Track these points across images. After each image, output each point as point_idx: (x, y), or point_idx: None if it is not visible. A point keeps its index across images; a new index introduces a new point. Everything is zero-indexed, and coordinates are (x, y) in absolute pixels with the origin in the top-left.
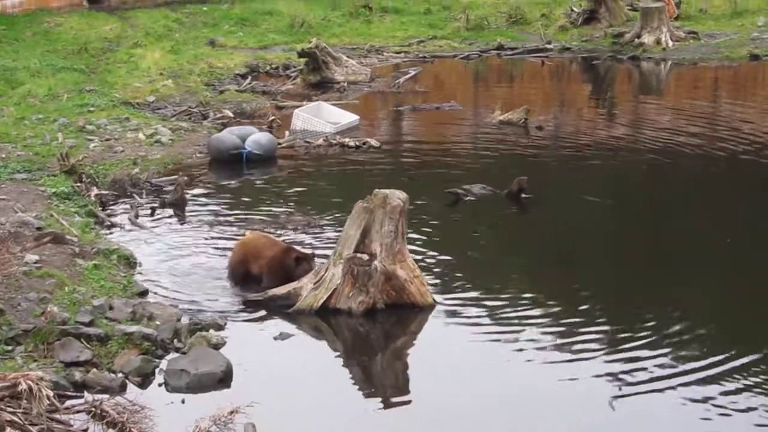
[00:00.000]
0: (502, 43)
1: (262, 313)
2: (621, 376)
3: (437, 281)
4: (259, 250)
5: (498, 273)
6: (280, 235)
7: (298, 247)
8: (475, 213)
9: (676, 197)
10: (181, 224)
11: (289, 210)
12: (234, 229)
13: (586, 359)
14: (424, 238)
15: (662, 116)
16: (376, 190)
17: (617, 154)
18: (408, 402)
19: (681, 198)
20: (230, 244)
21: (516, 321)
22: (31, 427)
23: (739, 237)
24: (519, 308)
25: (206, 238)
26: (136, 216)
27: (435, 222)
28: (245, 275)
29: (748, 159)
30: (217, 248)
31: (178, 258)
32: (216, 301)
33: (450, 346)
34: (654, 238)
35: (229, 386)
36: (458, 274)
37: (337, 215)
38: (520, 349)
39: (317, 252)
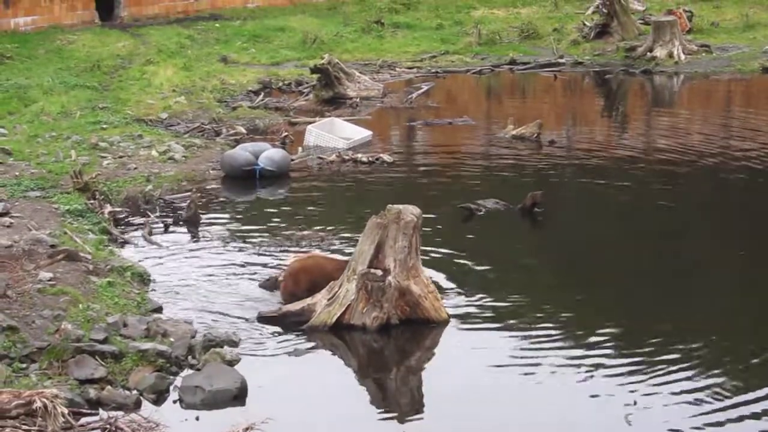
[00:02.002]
0: (515, 58)
1: (277, 329)
2: (640, 395)
3: (451, 297)
4: (328, 272)
5: (513, 289)
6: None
7: None
8: (489, 228)
9: (693, 211)
10: (195, 241)
11: (303, 226)
12: (248, 245)
13: (604, 377)
14: (438, 254)
15: (675, 129)
16: (390, 205)
17: (631, 168)
18: (423, 419)
19: (697, 212)
20: (243, 260)
21: (532, 338)
22: None
23: (755, 251)
24: (535, 325)
25: (220, 255)
26: (150, 233)
27: (448, 237)
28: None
29: (764, 171)
30: (231, 265)
31: (192, 275)
32: (230, 318)
33: (465, 363)
34: (671, 254)
35: (243, 403)
36: (473, 290)
37: (350, 231)
38: (536, 366)
39: None
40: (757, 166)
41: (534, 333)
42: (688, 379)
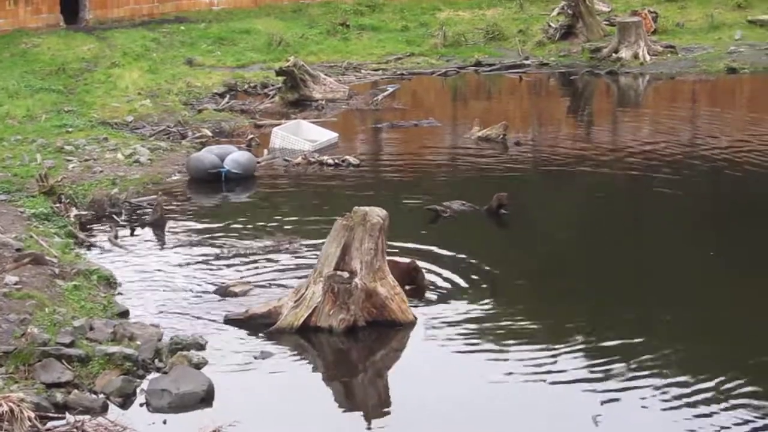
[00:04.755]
0: (480, 60)
1: (243, 332)
2: (606, 393)
3: (417, 298)
4: None
5: (479, 290)
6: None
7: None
8: (455, 230)
9: (657, 211)
10: (161, 244)
11: (269, 228)
12: (213, 249)
13: (571, 376)
14: (404, 256)
15: (641, 130)
16: (356, 207)
17: (596, 169)
18: (390, 421)
19: (661, 212)
20: (210, 263)
21: (497, 338)
22: None
23: (721, 249)
24: (500, 325)
25: (186, 258)
26: (116, 236)
27: (414, 239)
28: None
29: (727, 171)
30: (198, 268)
31: (158, 278)
32: (197, 321)
33: (432, 363)
34: (634, 253)
35: (211, 405)
36: (439, 291)
37: (316, 233)
38: (502, 364)
39: (298, 272)
40: (723, 166)
41: (500, 333)
42: (660, 387)
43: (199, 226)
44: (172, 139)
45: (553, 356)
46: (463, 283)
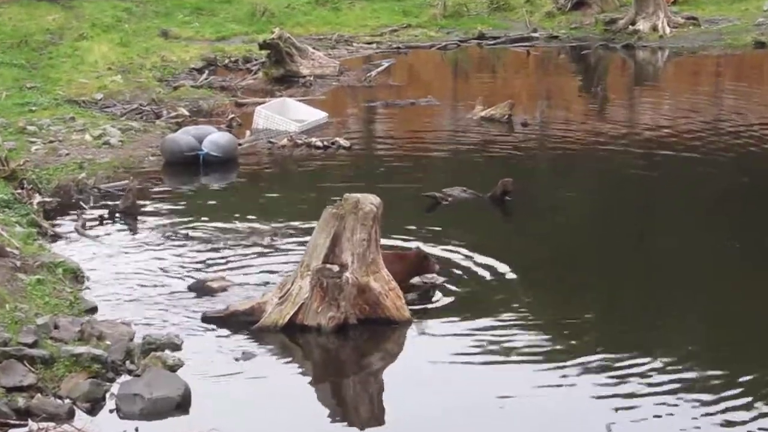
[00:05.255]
0: (483, 32)
1: (223, 331)
2: (620, 398)
3: (414, 294)
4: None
5: (481, 284)
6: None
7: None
8: (455, 218)
9: (676, 198)
10: (133, 234)
11: (252, 217)
12: (191, 239)
13: (583, 379)
14: (398, 247)
15: (660, 110)
16: (347, 194)
17: (610, 153)
18: (383, 429)
19: (680, 199)
20: (186, 255)
21: (501, 337)
22: None
23: (745, 241)
24: (505, 322)
25: (160, 250)
26: (84, 226)
27: (411, 229)
28: None
29: (754, 155)
30: (173, 260)
31: (130, 271)
32: (172, 318)
33: (431, 366)
34: (651, 244)
35: (187, 412)
36: (436, 287)
37: (304, 222)
38: (508, 367)
39: (283, 264)
40: (749, 148)
41: (503, 332)
42: (671, 392)
43: (175, 214)
44: (146, 119)
45: (564, 357)
46: (464, 277)
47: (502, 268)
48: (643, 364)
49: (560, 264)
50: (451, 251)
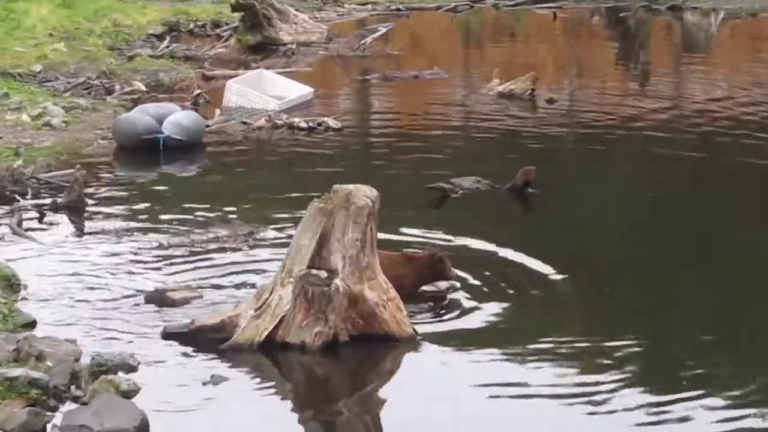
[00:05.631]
0: None
1: (188, 349)
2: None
3: (418, 305)
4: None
5: (499, 293)
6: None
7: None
8: (467, 215)
9: (737, 191)
10: (80, 234)
11: (223, 214)
12: (148, 240)
13: (615, 404)
14: (400, 249)
15: (713, 83)
16: (337, 185)
17: (654, 135)
18: None
19: (744, 192)
20: (144, 259)
21: (523, 363)
22: None
23: None
24: (528, 346)
25: (112, 252)
26: (19, 223)
27: (414, 227)
28: None
29: None
30: (128, 265)
31: (76, 278)
32: (127, 334)
33: (436, 395)
34: (710, 248)
35: None
36: (446, 296)
37: (285, 220)
38: (526, 401)
39: (260, 269)
40: None
41: (524, 350)
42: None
43: (130, 210)
44: (95, 95)
45: (602, 394)
46: (478, 286)
47: (526, 277)
48: (696, 405)
49: (596, 273)
50: (463, 256)
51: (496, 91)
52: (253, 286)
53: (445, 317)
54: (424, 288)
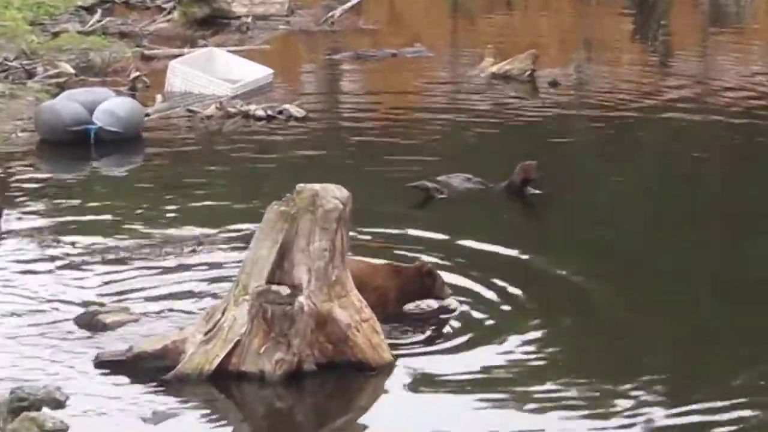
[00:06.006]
0: None
1: (125, 380)
2: None
3: (398, 327)
4: (363, 282)
5: (493, 312)
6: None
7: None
8: (456, 219)
9: (759, 188)
10: None
11: (166, 220)
12: (76, 252)
13: None
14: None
15: (745, 62)
16: (301, 185)
17: (675, 123)
18: None
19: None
20: (72, 275)
21: (522, 391)
22: None
23: None
24: (527, 369)
25: (34, 266)
26: None
27: (393, 233)
28: None
29: None
30: (54, 281)
31: None
32: (53, 364)
33: (419, 429)
34: (739, 253)
35: None
36: (431, 317)
37: (240, 227)
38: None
39: (210, 286)
40: None
41: (527, 386)
42: None
43: (56, 215)
44: (13, 80)
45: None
46: (469, 304)
47: (526, 292)
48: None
49: (609, 285)
50: (451, 267)
51: (489, 72)
52: (201, 304)
53: (430, 342)
54: (409, 306)
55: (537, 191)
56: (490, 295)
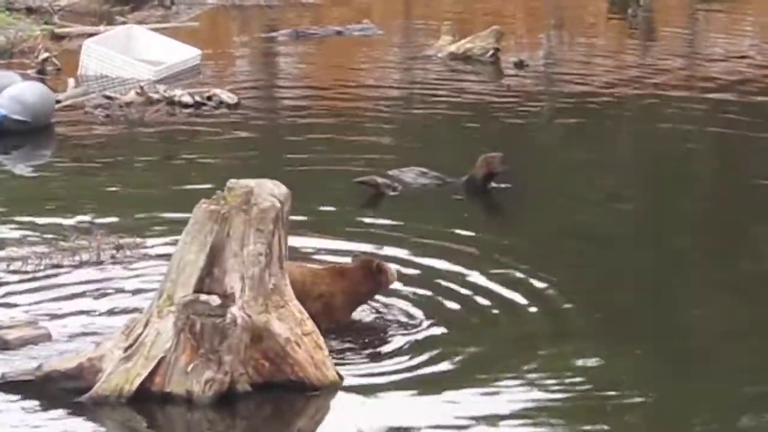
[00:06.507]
0: None
1: (34, 403)
2: None
3: (345, 340)
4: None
5: (452, 323)
6: None
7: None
8: (410, 218)
9: (747, 183)
10: None
11: (79, 220)
12: None
13: None
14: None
15: (736, 38)
16: (233, 180)
17: (657, 108)
18: None
19: (754, 185)
20: None
21: (480, 408)
22: None
23: None
24: (482, 385)
25: None
26: None
27: (336, 237)
28: None
29: None
30: None
31: None
32: None
33: None
34: (704, 255)
35: None
36: (379, 329)
37: (164, 228)
38: None
39: (129, 296)
40: None
41: (490, 410)
42: None
43: None
44: None
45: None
46: (425, 314)
47: (488, 301)
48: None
49: (577, 288)
50: (401, 274)
51: (447, 51)
52: (121, 316)
53: (378, 358)
54: (355, 314)
55: (501, 186)
56: (446, 301)
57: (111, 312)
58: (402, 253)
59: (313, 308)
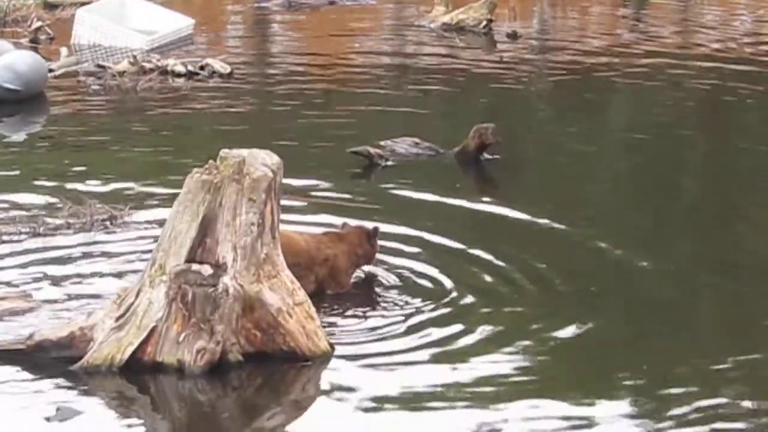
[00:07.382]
0: None
1: (25, 373)
2: None
3: (335, 314)
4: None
5: (440, 296)
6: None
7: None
8: (401, 190)
9: (744, 154)
10: None
11: (71, 189)
12: None
13: None
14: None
15: (733, 13)
16: (225, 150)
17: (650, 80)
18: None
19: (752, 155)
20: None
21: (471, 383)
22: None
23: None
24: (474, 359)
25: None
26: None
27: (330, 207)
28: None
29: None
30: None
31: None
32: None
33: (357, 429)
34: (703, 227)
35: None
36: (373, 302)
37: (156, 198)
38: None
39: (121, 265)
40: None
41: (483, 386)
42: None
43: None
44: None
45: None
46: (420, 287)
47: (482, 275)
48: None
49: (569, 264)
50: (394, 247)
51: (440, 22)
52: (112, 286)
53: (372, 329)
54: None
55: (494, 157)
56: (440, 274)
57: (103, 281)
58: (394, 223)
59: (320, 273)
